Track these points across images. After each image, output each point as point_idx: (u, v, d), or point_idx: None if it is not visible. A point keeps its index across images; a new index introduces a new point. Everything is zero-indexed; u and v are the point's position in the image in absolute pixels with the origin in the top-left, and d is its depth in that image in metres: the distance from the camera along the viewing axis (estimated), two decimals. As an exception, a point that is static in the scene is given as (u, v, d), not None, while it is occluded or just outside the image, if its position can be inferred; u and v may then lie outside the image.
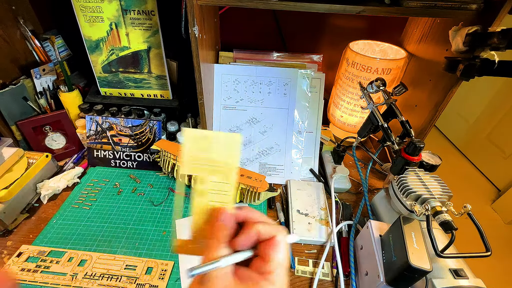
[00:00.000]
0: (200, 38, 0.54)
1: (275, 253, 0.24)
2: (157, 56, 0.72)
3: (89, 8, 0.66)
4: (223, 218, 0.26)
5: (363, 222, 0.63)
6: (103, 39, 0.70)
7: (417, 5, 0.49)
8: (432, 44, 0.65)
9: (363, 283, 0.52)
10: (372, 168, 0.82)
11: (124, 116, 0.75)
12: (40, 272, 0.53)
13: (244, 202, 0.68)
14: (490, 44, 0.47)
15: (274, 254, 0.24)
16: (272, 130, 0.77)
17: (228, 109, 0.77)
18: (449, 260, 0.44)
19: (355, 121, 0.82)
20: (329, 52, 0.87)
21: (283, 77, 0.75)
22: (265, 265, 0.24)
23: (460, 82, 0.55)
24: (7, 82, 0.70)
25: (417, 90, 0.69)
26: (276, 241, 0.25)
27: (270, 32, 0.86)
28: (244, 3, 0.50)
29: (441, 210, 0.47)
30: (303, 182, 0.74)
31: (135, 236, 0.61)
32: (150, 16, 0.66)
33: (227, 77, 0.76)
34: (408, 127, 0.56)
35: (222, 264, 0.23)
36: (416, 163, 0.52)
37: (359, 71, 0.73)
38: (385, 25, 0.82)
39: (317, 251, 0.61)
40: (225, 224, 0.26)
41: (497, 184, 1.79)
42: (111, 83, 0.78)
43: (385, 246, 0.48)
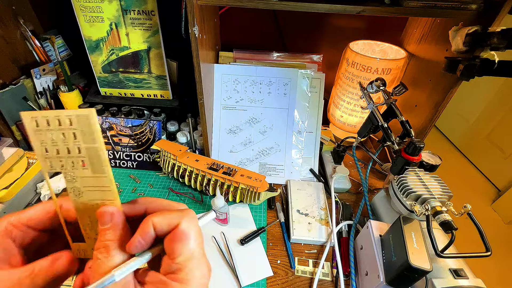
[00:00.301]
0: (200, 38, 0.54)
1: (180, 245, 0.20)
2: (157, 56, 0.72)
3: (89, 8, 0.66)
4: (106, 220, 0.21)
5: (363, 222, 0.63)
6: (103, 39, 0.70)
7: (417, 5, 0.49)
8: (432, 44, 0.65)
9: (363, 283, 0.52)
10: (372, 168, 0.82)
11: (124, 116, 0.75)
12: (40, 272, 0.53)
13: (244, 202, 0.68)
14: (490, 44, 0.47)
15: (179, 247, 0.20)
16: (272, 130, 0.77)
17: (228, 109, 0.77)
18: (449, 260, 0.44)
19: (355, 121, 0.82)
20: (329, 52, 0.87)
21: (283, 77, 0.75)
22: (172, 263, 0.20)
23: (460, 82, 0.55)
24: (7, 82, 0.70)
25: (417, 90, 0.69)
26: (178, 232, 0.20)
27: (270, 32, 0.86)
28: (244, 3, 0.50)
29: (441, 210, 0.47)
30: (303, 182, 0.74)
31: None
32: (150, 16, 0.66)
33: (227, 77, 0.76)
34: (408, 127, 0.56)
35: (116, 277, 0.19)
36: (416, 163, 0.52)
37: (359, 71, 0.73)
38: (385, 25, 0.82)
39: (317, 251, 0.61)
40: (111, 227, 0.21)
41: (497, 184, 1.79)
42: (111, 83, 0.78)
43: (385, 246, 0.48)
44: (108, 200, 0.22)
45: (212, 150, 0.77)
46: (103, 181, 0.21)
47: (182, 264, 0.20)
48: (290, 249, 0.60)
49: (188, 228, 0.21)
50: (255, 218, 0.66)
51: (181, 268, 0.20)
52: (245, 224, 0.65)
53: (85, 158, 0.21)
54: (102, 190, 0.22)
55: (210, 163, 0.68)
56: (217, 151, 0.77)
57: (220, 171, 0.66)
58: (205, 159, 0.70)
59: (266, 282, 0.55)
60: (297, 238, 0.61)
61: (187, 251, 0.20)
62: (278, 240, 0.62)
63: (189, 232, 0.20)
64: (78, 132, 0.20)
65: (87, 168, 0.21)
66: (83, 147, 0.21)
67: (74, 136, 0.20)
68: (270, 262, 0.58)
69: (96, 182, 0.21)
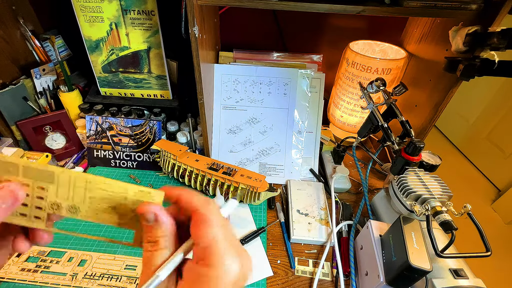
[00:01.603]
0: (200, 38, 0.54)
1: (201, 230, 0.21)
2: (157, 56, 0.72)
3: (89, 8, 0.66)
4: (148, 217, 0.22)
5: (363, 222, 0.63)
6: (103, 39, 0.70)
7: (417, 5, 0.49)
8: (432, 44, 0.65)
9: (363, 283, 0.52)
10: (372, 168, 0.82)
11: (124, 116, 0.75)
12: (40, 272, 0.53)
13: (244, 202, 0.68)
14: (490, 44, 0.47)
15: (199, 231, 0.21)
16: (272, 130, 0.77)
17: (228, 109, 0.77)
18: (449, 260, 0.44)
19: (355, 121, 0.82)
20: (329, 52, 0.87)
21: (283, 77, 0.75)
22: (196, 249, 0.21)
23: (460, 82, 0.55)
24: (7, 82, 0.70)
25: (417, 90, 0.69)
26: (197, 216, 0.21)
27: (270, 32, 0.86)
28: (244, 3, 0.50)
29: (441, 210, 0.47)
30: (303, 182, 0.74)
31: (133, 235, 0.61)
32: (150, 16, 0.66)
33: (227, 77, 0.76)
34: (408, 127, 0.56)
35: (162, 277, 0.20)
36: (416, 163, 0.52)
37: (359, 71, 0.73)
38: (385, 25, 0.82)
39: (317, 251, 0.61)
40: (156, 224, 0.22)
41: (497, 184, 1.79)
42: (111, 83, 0.78)
43: (385, 246, 0.48)
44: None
45: (212, 150, 0.77)
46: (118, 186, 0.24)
47: (206, 249, 0.20)
48: (290, 249, 0.60)
49: (207, 212, 0.22)
50: (255, 218, 0.66)
51: (206, 253, 0.20)
52: (245, 224, 0.65)
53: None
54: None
55: (210, 163, 0.68)
56: (217, 151, 0.77)
57: (220, 171, 0.66)
58: (205, 159, 0.70)
59: (266, 282, 0.55)
60: (297, 238, 0.61)
61: (208, 234, 0.21)
62: (278, 240, 0.62)
63: (208, 216, 0.21)
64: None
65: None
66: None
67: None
68: (270, 262, 0.58)
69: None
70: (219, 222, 0.22)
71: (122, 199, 0.23)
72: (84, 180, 0.23)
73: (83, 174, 0.23)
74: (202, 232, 0.21)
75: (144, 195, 0.23)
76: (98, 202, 0.23)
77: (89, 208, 0.23)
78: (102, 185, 0.23)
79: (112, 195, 0.23)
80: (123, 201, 0.23)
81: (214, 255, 0.20)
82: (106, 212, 0.24)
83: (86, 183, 0.23)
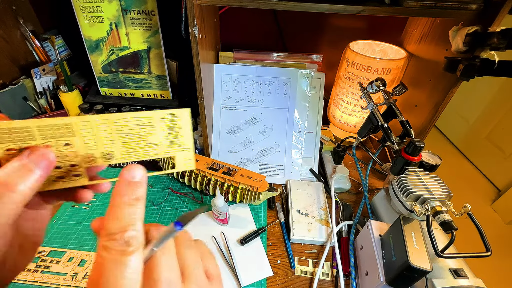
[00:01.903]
0: (200, 38, 0.54)
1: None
2: (157, 56, 0.72)
3: (89, 8, 0.66)
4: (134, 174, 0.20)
5: (363, 222, 0.63)
6: (103, 39, 0.70)
7: (417, 5, 0.49)
8: (432, 44, 0.65)
9: (363, 283, 0.52)
10: (372, 168, 0.82)
11: (124, 116, 0.75)
12: (40, 272, 0.53)
13: (244, 202, 0.68)
14: (490, 44, 0.47)
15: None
16: (272, 130, 0.77)
17: (228, 109, 0.77)
18: (449, 260, 0.44)
19: (355, 121, 0.82)
20: (329, 52, 0.87)
21: (283, 77, 0.75)
22: None
23: (460, 82, 0.55)
24: (7, 82, 0.70)
25: (417, 90, 0.69)
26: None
27: (270, 32, 0.86)
28: (244, 3, 0.50)
29: (441, 210, 0.47)
30: (303, 182, 0.74)
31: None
32: (150, 16, 0.66)
33: (227, 77, 0.76)
34: (408, 127, 0.56)
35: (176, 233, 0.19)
36: (416, 163, 0.52)
37: (359, 71, 0.73)
38: (385, 25, 0.82)
39: (317, 251, 0.61)
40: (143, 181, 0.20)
41: (497, 184, 1.79)
42: (111, 83, 0.78)
43: (385, 246, 0.48)
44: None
45: (212, 150, 0.77)
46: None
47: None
48: (290, 249, 0.60)
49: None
50: (255, 218, 0.66)
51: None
52: (245, 224, 0.65)
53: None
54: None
55: (210, 163, 0.68)
56: (217, 151, 0.77)
57: (220, 171, 0.66)
58: (205, 159, 0.70)
59: (266, 282, 0.55)
60: (297, 238, 0.61)
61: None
62: (278, 240, 0.62)
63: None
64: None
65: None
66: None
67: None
68: (270, 262, 0.58)
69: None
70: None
71: (151, 129, 0.23)
72: (106, 121, 0.21)
73: (102, 115, 0.21)
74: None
75: (170, 118, 0.23)
76: (130, 140, 0.22)
77: (123, 149, 0.22)
78: (128, 121, 0.22)
79: (140, 128, 0.22)
80: (154, 131, 0.23)
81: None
82: (141, 147, 0.23)
83: (110, 124, 0.21)
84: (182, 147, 0.24)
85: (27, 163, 0.19)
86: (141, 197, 0.19)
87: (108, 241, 0.17)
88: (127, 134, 0.22)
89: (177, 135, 0.24)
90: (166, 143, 0.24)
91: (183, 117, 0.23)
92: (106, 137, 0.22)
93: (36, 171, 0.19)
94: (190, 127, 0.24)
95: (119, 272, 0.16)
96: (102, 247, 0.17)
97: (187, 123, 0.24)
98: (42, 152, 0.19)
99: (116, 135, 0.22)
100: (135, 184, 0.19)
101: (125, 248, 0.17)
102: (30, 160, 0.19)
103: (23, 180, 0.18)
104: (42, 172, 0.19)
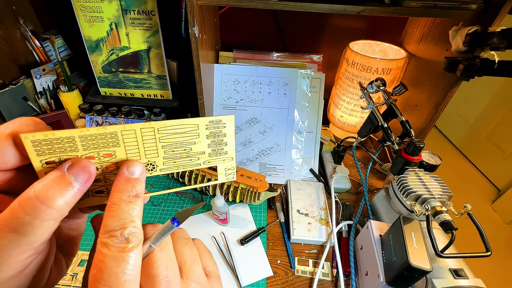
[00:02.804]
0: (200, 38, 0.54)
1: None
2: (157, 56, 0.72)
3: (89, 8, 0.66)
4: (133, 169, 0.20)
5: (363, 222, 0.63)
6: (103, 39, 0.70)
7: (417, 5, 0.49)
8: (432, 44, 0.65)
9: (363, 283, 0.52)
10: (372, 168, 0.82)
11: (124, 116, 0.75)
12: (40, 272, 0.53)
13: (244, 202, 0.68)
14: (490, 44, 0.47)
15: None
16: (272, 130, 0.77)
17: (228, 109, 0.77)
18: (449, 260, 0.44)
19: (355, 121, 0.82)
20: (329, 52, 0.87)
21: (283, 77, 0.75)
22: None
23: (460, 82, 0.55)
24: (7, 82, 0.70)
25: (417, 90, 0.69)
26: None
27: (270, 32, 0.86)
28: (244, 3, 0.50)
29: (441, 210, 0.47)
30: (303, 182, 0.74)
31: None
32: (150, 16, 0.66)
33: (227, 77, 0.76)
34: (408, 127, 0.56)
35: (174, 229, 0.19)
36: (416, 163, 0.52)
37: (359, 71, 0.73)
38: (385, 25, 0.82)
39: (317, 251, 0.61)
40: (142, 178, 0.20)
41: (497, 184, 1.79)
42: (111, 83, 0.78)
43: (385, 246, 0.48)
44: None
45: (212, 150, 0.77)
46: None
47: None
48: (290, 249, 0.60)
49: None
50: (255, 218, 0.66)
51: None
52: (245, 224, 0.65)
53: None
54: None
55: (210, 163, 0.68)
56: (217, 151, 0.77)
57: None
58: (205, 159, 0.70)
59: (266, 282, 0.55)
60: (297, 238, 0.61)
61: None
62: (278, 240, 0.62)
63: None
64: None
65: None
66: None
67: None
68: (270, 262, 0.58)
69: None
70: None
71: (195, 137, 0.21)
72: (151, 129, 0.20)
73: (147, 123, 0.20)
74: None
75: (216, 124, 0.21)
76: (173, 149, 0.21)
77: (165, 160, 0.21)
78: (172, 129, 0.20)
79: (184, 136, 0.21)
80: (198, 139, 0.21)
81: None
82: (184, 157, 0.22)
83: (155, 132, 0.20)
84: (224, 156, 0.23)
85: (67, 176, 0.17)
86: (141, 194, 0.19)
87: (108, 238, 0.17)
88: (171, 143, 0.21)
89: (221, 143, 0.23)
90: (209, 152, 0.22)
91: (228, 124, 0.22)
92: (149, 146, 0.20)
93: (75, 185, 0.17)
94: (234, 135, 0.23)
95: (119, 269, 0.16)
96: (102, 244, 0.16)
97: (232, 130, 0.22)
98: (83, 164, 0.18)
99: (160, 144, 0.21)
100: (134, 181, 0.19)
101: (124, 245, 0.16)
102: (70, 173, 0.18)
103: (61, 195, 0.17)
104: (81, 186, 0.18)
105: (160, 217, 0.65)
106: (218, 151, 0.23)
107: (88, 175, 0.18)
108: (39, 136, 0.17)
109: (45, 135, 0.17)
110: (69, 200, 0.17)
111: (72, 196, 0.17)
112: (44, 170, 0.18)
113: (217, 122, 0.21)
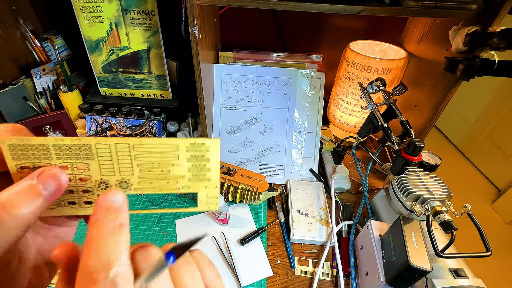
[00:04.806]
0: (200, 38, 0.54)
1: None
2: (157, 56, 0.72)
3: (89, 8, 0.66)
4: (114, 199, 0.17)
5: (363, 222, 0.63)
6: (103, 39, 0.70)
7: (417, 5, 0.49)
8: (432, 44, 0.65)
9: (363, 283, 0.52)
10: (372, 168, 0.82)
11: (124, 116, 0.75)
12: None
13: (244, 202, 0.68)
14: (490, 44, 0.47)
15: None
16: (272, 130, 0.77)
17: (228, 109, 0.77)
18: (449, 260, 0.44)
19: (355, 121, 0.82)
20: (329, 52, 0.87)
21: (283, 77, 0.75)
22: None
23: (460, 82, 0.55)
24: (7, 82, 0.70)
25: (417, 90, 0.69)
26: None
27: (270, 32, 0.86)
28: (244, 3, 0.50)
29: (441, 210, 0.47)
30: (303, 182, 0.74)
31: (135, 236, 0.61)
32: (150, 16, 0.66)
33: (227, 77, 0.76)
34: (408, 127, 0.56)
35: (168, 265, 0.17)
36: (416, 163, 0.52)
37: (359, 71, 0.73)
38: (385, 25, 0.82)
39: (317, 251, 0.61)
40: (123, 206, 0.18)
41: (497, 184, 1.79)
42: (111, 83, 0.78)
43: (385, 246, 0.48)
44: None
45: (212, 150, 0.77)
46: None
47: None
48: (290, 249, 0.60)
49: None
50: (255, 218, 0.66)
51: None
52: (245, 224, 0.65)
53: None
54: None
55: (210, 163, 0.68)
56: (217, 151, 0.77)
57: (220, 171, 0.66)
58: (205, 159, 0.70)
59: (266, 282, 0.55)
60: (297, 238, 0.61)
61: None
62: (278, 240, 0.62)
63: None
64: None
65: None
66: None
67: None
68: (270, 262, 0.58)
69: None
70: None
71: (174, 159, 0.20)
72: (127, 145, 0.19)
73: (122, 138, 0.19)
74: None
75: (198, 147, 0.20)
76: (149, 169, 0.20)
77: (140, 179, 0.20)
78: (149, 148, 0.20)
79: (161, 156, 0.20)
80: (177, 161, 0.20)
81: None
82: (161, 179, 0.21)
83: (130, 149, 0.19)
84: (207, 183, 0.21)
85: (35, 184, 0.16)
86: (125, 223, 0.16)
87: (89, 283, 0.14)
88: (147, 162, 0.20)
89: (203, 169, 0.21)
90: (189, 177, 0.21)
91: (213, 148, 0.20)
92: (124, 163, 0.20)
93: (43, 194, 0.17)
94: (218, 161, 0.21)
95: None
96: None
97: (217, 155, 0.21)
98: (54, 172, 0.17)
99: (136, 162, 0.20)
100: (115, 210, 0.16)
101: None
102: (39, 181, 0.17)
103: (27, 204, 0.16)
104: (50, 195, 0.17)
105: (160, 217, 0.65)
106: (200, 177, 0.21)
107: (57, 184, 0.17)
108: (15, 140, 0.18)
109: (21, 140, 0.18)
110: (35, 210, 0.16)
111: (38, 206, 0.16)
112: (19, 175, 0.18)
113: (199, 145, 0.20)
